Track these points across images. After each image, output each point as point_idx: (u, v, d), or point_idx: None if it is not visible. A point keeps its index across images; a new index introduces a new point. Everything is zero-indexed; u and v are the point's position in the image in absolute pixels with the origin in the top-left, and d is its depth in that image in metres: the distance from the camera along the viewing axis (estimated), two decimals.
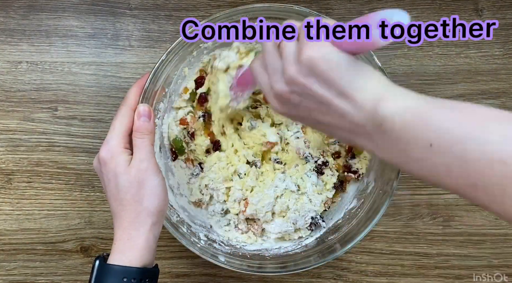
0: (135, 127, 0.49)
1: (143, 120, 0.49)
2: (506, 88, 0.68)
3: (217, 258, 0.54)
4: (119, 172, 0.46)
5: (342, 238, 0.55)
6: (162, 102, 0.58)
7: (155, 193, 0.46)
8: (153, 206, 0.46)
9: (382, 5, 0.68)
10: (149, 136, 0.48)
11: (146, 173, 0.46)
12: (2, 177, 0.65)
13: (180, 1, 0.68)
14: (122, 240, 0.45)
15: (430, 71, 0.68)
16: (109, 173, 0.47)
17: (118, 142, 0.47)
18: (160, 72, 0.54)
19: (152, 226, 0.46)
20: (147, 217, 0.45)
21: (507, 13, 0.69)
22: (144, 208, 0.46)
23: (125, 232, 0.45)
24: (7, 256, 0.64)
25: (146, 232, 0.45)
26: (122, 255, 0.45)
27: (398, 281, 0.66)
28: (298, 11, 0.53)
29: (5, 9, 0.66)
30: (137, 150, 0.47)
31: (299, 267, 0.54)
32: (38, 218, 0.64)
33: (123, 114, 0.49)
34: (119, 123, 0.49)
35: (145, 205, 0.46)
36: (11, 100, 0.65)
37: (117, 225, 0.46)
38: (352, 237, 0.54)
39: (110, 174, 0.46)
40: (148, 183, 0.46)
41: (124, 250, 0.45)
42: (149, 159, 0.47)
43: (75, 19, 0.67)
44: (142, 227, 0.45)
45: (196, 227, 0.58)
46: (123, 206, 0.46)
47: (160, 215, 0.47)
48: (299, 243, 0.59)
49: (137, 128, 0.48)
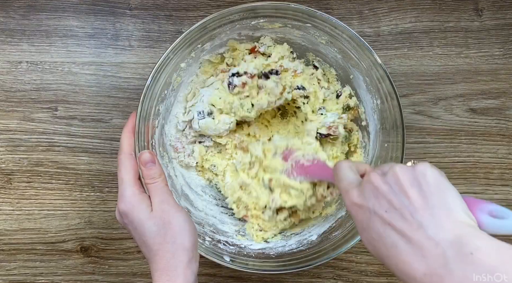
0: (144, 175, 0.50)
1: (149, 167, 0.50)
2: (506, 88, 0.68)
3: (222, 258, 0.54)
4: (145, 218, 0.47)
5: (346, 235, 0.55)
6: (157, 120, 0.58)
7: (184, 229, 0.47)
8: (187, 241, 0.47)
9: (382, 5, 0.68)
10: (161, 178, 0.50)
11: (170, 213, 0.47)
12: (2, 177, 0.65)
13: (180, 1, 0.68)
14: (161, 281, 0.46)
15: (430, 71, 0.68)
16: (134, 222, 0.47)
17: (132, 192, 0.48)
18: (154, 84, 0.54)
19: (189, 263, 0.46)
20: (182, 255, 0.46)
21: (507, 13, 0.69)
22: (178, 246, 0.46)
23: (163, 273, 0.45)
24: (7, 256, 0.64)
25: (184, 270, 0.46)
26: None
27: (398, 281, 0.66)
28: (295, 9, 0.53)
29: (5, 9, 0.66)
30: (154, 194, 0.49)
31: (304, 264, 0.54)
32: (38, 218, 0.64)
33: (124, 164, 0.50)
34: (125, 173, 0.49)
35: (178, 242, 0.46)
36: (11, 100, 0.65)
37: (153, 269, 0.47)
38: (355, 234, 0.54)
39: (135, 223, 0.47)
40: (175, 222, 0.47)
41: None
42: (168, 199, 0.48)
43: (75, 19, 0.67)
44: (179, 267, 0.46)
45: (199, 228, 0.58)
46: (156, 250, 0.46)
47: (194, 249, 0.48)
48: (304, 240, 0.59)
49: (146, 176, 0.50)
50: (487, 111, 0.68)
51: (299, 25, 0.56)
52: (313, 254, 0.55)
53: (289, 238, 0.60)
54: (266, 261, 0.56)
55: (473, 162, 0.67)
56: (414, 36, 0.68)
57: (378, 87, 0.55)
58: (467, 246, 0.31)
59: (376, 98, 0.57)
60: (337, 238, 0.56)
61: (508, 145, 0.67)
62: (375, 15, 0.68)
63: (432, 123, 0.67)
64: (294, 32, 0.58)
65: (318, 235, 0.59)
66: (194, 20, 0.67)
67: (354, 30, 0.54)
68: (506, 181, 0.67)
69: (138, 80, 0.66)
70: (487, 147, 0.67)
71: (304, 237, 0.60)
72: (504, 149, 0.67)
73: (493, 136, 0.67)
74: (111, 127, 0.66)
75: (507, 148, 0.67)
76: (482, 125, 0.67)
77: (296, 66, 0.60)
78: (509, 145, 0.67)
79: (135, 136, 0.52)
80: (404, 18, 0.68)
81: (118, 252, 0.65)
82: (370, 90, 0.57)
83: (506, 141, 0.67)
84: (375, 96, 0.57)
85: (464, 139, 0.67)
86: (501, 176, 0.67)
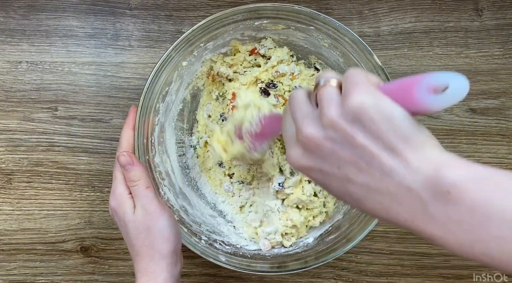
0: (126, 178, 0.49)
1: (129, 169, 0.49)
2: (506, 88, 0.68)
3: (218, 258, 0.54)
4: (127, 220, 0.48)
5: (342, 238, 0.55)
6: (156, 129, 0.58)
7: (163, 236, 0.47)
8: (164, 248, 0.47)
9: (382, 5, 0.68)
10: (141, 181, 0.49)
11: (151, 217, 0.47)
12: (2, 177, 0.65)
13: (180, 1, 0.68)
14: (141, 280, 0.47)
15: (430, 71, 0.68)
16: (120, 221, 0.49)
17: (122, 190, 0.49)
18: (154, 85, 0.54)
19: (167, 267, 0.47)
20: (160, 260, 0.47)
21: (507, 13, 0.69)
22: (156, 252, 0.47)
23: (143, 275, 0.47)
24: (7, 256, 0.64)
25: (164, 273, 0.46)
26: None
27: (398, 281, 0.66)
28: (298, 11, 0.53)
29: (5, 9, 0.66)
30: (136, 198, 0.49)
31: (299, 267, 0.54)
32: (38, 218, 0.64)
33: None
34: (118, 171, 0.50)
35: (157, 249, 0.47)
36: (11, 100, 0.65)
37: (135, 266, 0.48)
38: (352, 237, 0.54)
39: (121, 222, 0.49)
40: (155, 227, 0.47)
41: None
42: (149, 204, 0.48)
43: (75, 19, 0.67)
44: (158, 269, 0.47)
45: (196, 227, 0.58)
46: (137, 251, 0.48)
47: (173, 255, 0.48)
48: (300, 242, 0.59)
49: (127, 179, 0.49)
50: (487, 111, 0.68)
51: (302, 28, 0.56)
52: (308, 257, 0.55)
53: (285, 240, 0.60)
54: (261, 262, 0.56)
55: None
56: (414, 36, 0.68)
57: None
58: (441, 185, 0.27)
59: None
60: (333, 242, 0.56)
61: (508, 145, 0.67)
62: (375, 15, 0.68)
63: (432, 123, 0.67)
64: (297, 34, 0.58)
65: (314, 237, 0.59)
66: (194, 20, 0.67)
67: (354, 30, 0.54)
68: None
69: (138, 80, 0.66)
70: (487, 147, 0.67)
71: (300, 239, 0.60)
72: (504, 149, 0.67)
73: (493, 136, 0.67)
74: (111, 127, 0.66)
75: (507, 148, 0.67)
76: (482, 125, 0.67)
77: (293, 68, 0.60)
78: (509, 145, 0.67)
79: (134, 133, 0.52)
80: (404, 18, 0.68)
81: (118, 252, 0.65)
82: None
83: (506, 141, 0.67)
84: None
85: (464, 139, 0.67)
86: None
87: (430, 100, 0.28)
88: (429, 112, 0.30)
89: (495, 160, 0.67)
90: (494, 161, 0.67)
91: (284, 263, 0.55)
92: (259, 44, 0.61)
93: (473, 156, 0.67)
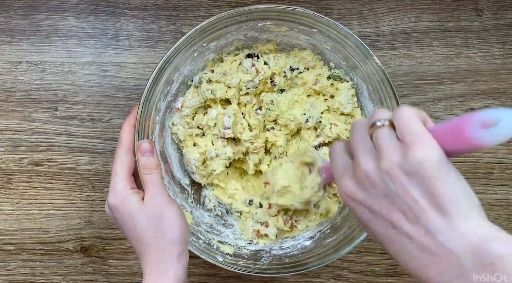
0: (141, 164, 0.49)
1: (147, 156, 0.50)
2: (506, 88, 0.68)
3: (216, 258, 0.54)
4: (135, 212, 0.47)
5: (342, 240, 0.55)
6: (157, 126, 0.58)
7: (175, 224, 0.47)
8: (177, 236, 0.47)
9: (382, 5, 0.68)
10: (157, 170, 0.49)
11: (162, 206, 0.47)
12: (2, 177, 0.65)
13: (180, 1, 0.68)
14: (152, 275, 0.46)
15: (430, 71, 0.68)
16: (124, 217, 0.47)
17: (124, 186, 0.48)
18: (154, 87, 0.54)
19: (179, 257, 0.47)
20: (172, 249, 0.46)
21: (507, 13, 0.69)
22: (168, 241, 0.46)
23: (154, 268, 0.46)
24: (7, 256, 0.64)
25: (175, 264, 0.46)
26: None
27: (398, 281, 0.66)
28: (301, 13, 0.53)
29: (5, 9, 0.66)
30: (148, 186, 0.48)
31: (298, 268, 0.54)
32: (38, 218, 0.64)
33: (121, 157, 0.50)
34: (119, 167, 0.49)
35: (169, 237, 0.46)
36: (11, 100, 0.65)
37: (144, 263, 0.47)
38: (352, 239, 0.54)
39: (125, 217, 0.47)
40: (166, 216, 0.47)
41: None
42: (162, 192, 0.48)
43: (75, 19, 0.67)
44: (170, 260, 0.46)
45: (194, 226, 0.58)
46: (146, 244, 0.46)
47: (184, 243, 0.48)
48: (298, 244, 0.59)
49: (143, 166, 0.49)
50: None
51: (305, 30, 0.56)
52: (306, 259, 0.55)
53: (283, 242, 0.60)
54: (259, 263, 0.56)
55: (473, 162, 0.67)
56: (414, 36, 0.68)
57: (380, 95, 0.55)
58: (486, 255, 0.28)
59: (378, 107, 0.57)
60: (331, 245, 0.56)
61: (508, 145, 0.67)
62: (375, 15, 0.68)
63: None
64: (300, 36, 0.58)
65: (312, 240, 0.59)
66: (194, 20, 0.67)
67: (354, 30, 0.54)
68: (506, 181, 0.67)
69: (138, 80, 0.66)
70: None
71: (298, 241, 0.60)
72: (504, 149, 0.67)
73: None
74: (111, 127, 0.66)
75: (507, 148, 0.67)
76: None
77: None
78: (509, 145, 0.67)
79: (135, 132, 0.52)
80: (404, 18, 0.68)
81: (118, 252, 0.65)
82: (372, 98, 0.57)
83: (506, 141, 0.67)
84: (377, 105, 0.57)
85: None
86: (501, 176, 0.67)
87: (483, 135, 0.29)
88: (483, 148, 0.30)
89: (495, 160, 0.67)
90: (494, 161, 0.67)
91: (284, 263, 0.55)
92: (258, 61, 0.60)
93: (473, 156, 0.67)
